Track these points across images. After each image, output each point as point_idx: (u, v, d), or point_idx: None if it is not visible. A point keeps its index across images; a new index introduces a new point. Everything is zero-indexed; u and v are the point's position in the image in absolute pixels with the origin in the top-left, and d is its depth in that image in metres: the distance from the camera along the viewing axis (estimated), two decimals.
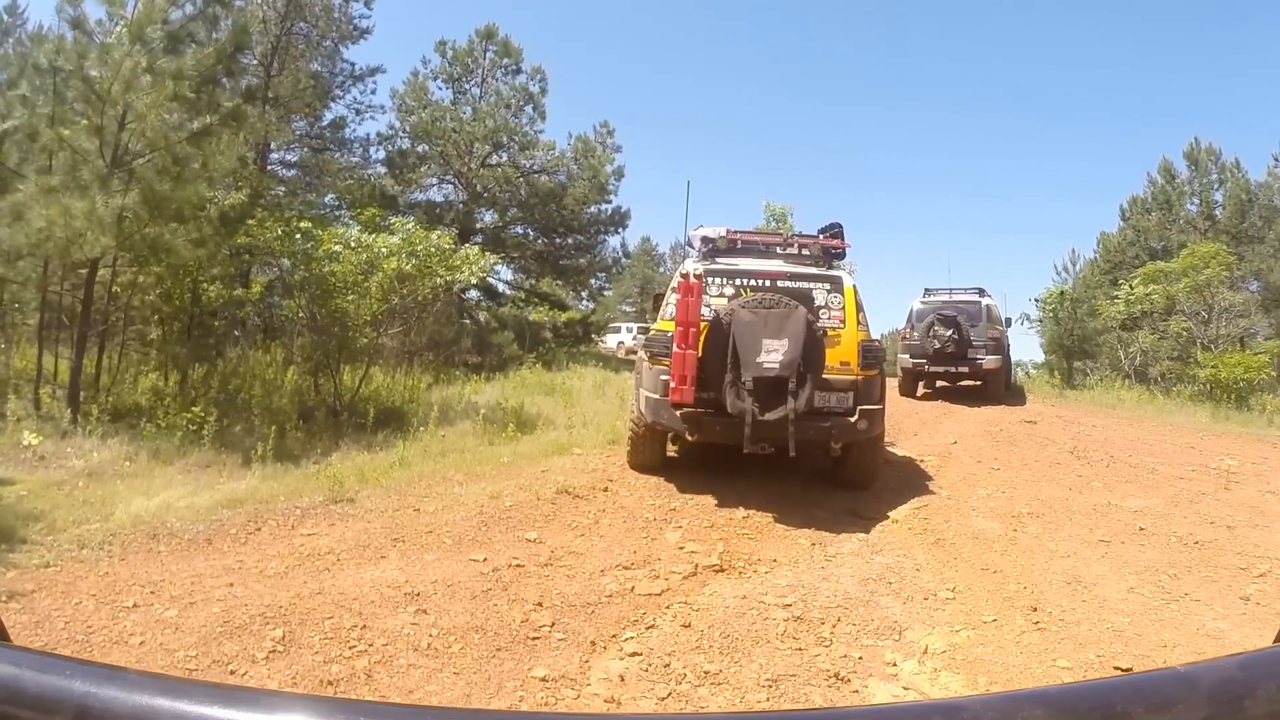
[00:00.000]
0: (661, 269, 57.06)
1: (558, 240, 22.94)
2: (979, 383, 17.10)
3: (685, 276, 7.37)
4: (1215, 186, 30.14)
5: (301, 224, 11.98)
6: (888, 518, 7.03)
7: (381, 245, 10.94)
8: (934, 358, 16.32)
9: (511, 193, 21.98)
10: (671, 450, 8.71)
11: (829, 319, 7.51)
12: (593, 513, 6.49)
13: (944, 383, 18.00)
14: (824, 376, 7.10)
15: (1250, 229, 28.82)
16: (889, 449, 10.14)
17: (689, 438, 7.47)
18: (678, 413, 7.13)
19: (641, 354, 8.33)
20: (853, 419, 7.23)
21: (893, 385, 21.94)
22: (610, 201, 22.78)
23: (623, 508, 6.67)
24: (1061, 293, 19.66)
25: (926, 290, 17.99)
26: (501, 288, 26.32)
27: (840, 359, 7.37)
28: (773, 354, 6.79)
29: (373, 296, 11.75)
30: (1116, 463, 10.05)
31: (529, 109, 21.40)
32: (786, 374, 6.76)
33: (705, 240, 8.51)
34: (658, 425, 7.55)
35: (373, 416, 10.36)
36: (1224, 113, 79.93)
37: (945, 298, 17.26)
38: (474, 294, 27.55)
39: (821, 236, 8.90)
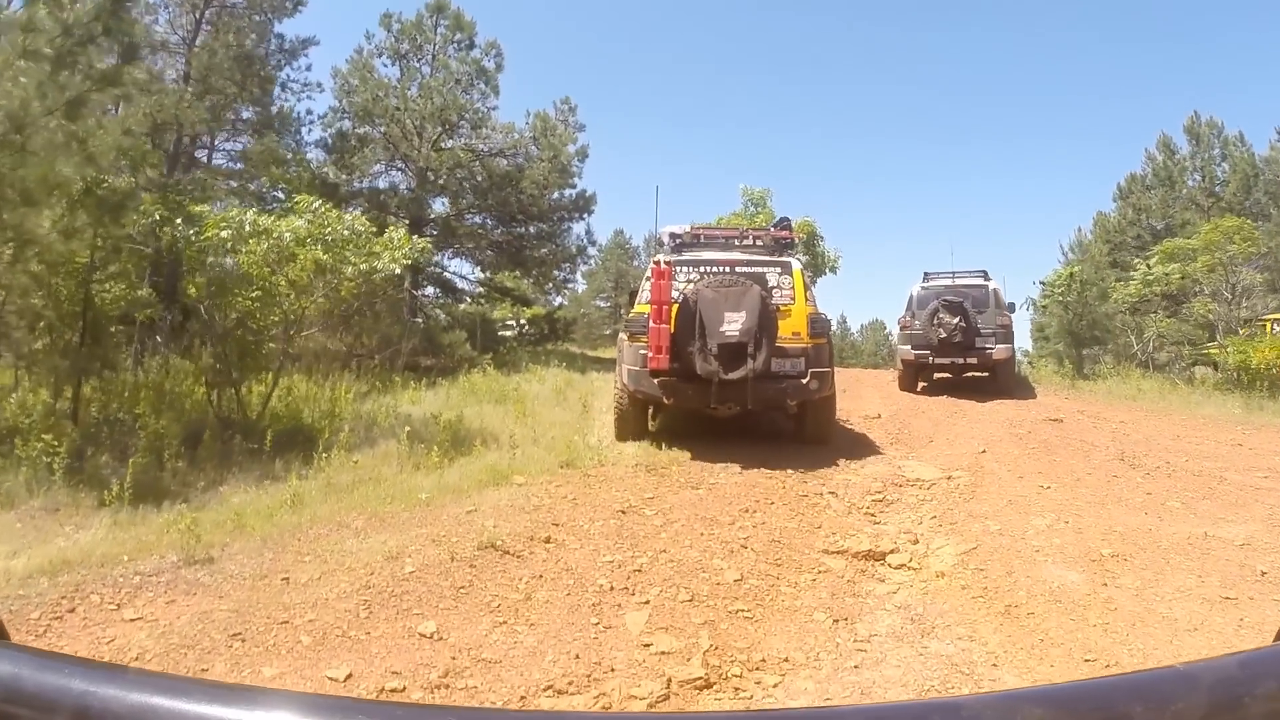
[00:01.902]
0: (635, 262, 55.26)
1: (517, 229, 21.00)
2: (984, 374, 15.71)
3: (658, 264, 8.43)
4: (1218, 162, 28.79)
5: (194, 208, 10.09)
6: (929, 567, 5.27)
7: (284, 230, 9.04)
8: (939, 348, 14.86)
9: (465, 178, 20.01)
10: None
11: (781, 297, 8.68)
12: (525, 580, 4.66)
13: (943, 375, 16.48)
14: (778, 345, 8.22)
15: (1254, 205, 27.47)
16: (907, 462, 8.44)
17: (665, 401, 8.56)
18: (655, 380, 8.28)
19: (623, 334, 9.43)
20: (805, 380, 8.43)
21: (883, 378, 20.50)
22: (574, 186, 20.88)
23: (568, 569, 4.85)
24: (1071, 274, 18.02)
25: (926, 274, 16.47)
26: (460, 283, 24.48)
27: (792, 330, 8.54)
28: (733, 324, 7.94)
29: (281, 293, 9.87)
30: (1177, 471, 8.41)
31: (481, 84, 19.43)
32: (745, 340, 7.92)
33: (673, 236, 9.88)
34: (638, 393, 8.67)
35: (271, 439, 8.48)
36: (1219, 87, 79.09)
37: (948, 282, 15.84)
38: (431, 290, 25.68)
39: (773, 229, 10.58)
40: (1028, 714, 0.56)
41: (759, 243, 10.08)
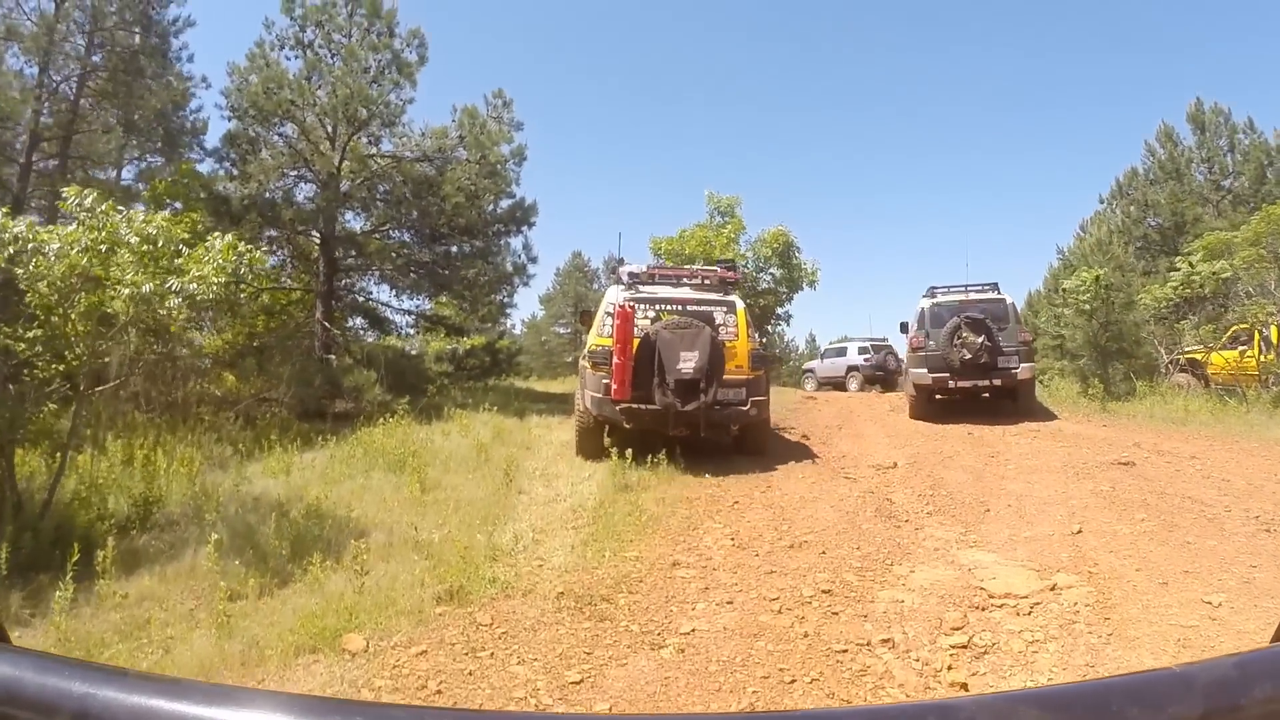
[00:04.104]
0: (595, 285, 52.81)
1: (445, 246, 18.08)
2: (1002, 396, 14.42)
3: (621, 306, 9.69)
4: (1225, 152, 26.79)
5: None
6: None
7: (44, 240, 6.23)
8: (962, 370, 13.61)
9: (384, 187, 17.13)
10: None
11: (726, 333, 10.00)
12: None
13: (945, 397, 14.78)
14: (724, 377, 9.54)
15: (1268, 197, 25.42)
16: (974, 554, 5.81)
17: (625, 426, 9.52)
18: (617, 408, 9.42)
19: (584, 363, 10.45)
20: (746, 407, 9.77)
21: (878, 406, 18.11)
22: (510, 194, 17.98)
23: None
24: (1097, 278, 15.69)
25: (934, 289, 15.29)
26: (391, 313, 21.53)
27: (736, 363, 9.85)
28: (688, 362, 9.26)
29: (72, 329, 7.05)
30: None
31: (394, 72, 16.58)
32: (699, 377, 9.23)
33: (631, 275, 10.71)
34: (600, 418, 9.82)
35: (7, 558, 5.61)
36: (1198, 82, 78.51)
37: (961, 297, 14.75)
38: (359, 321, 22.79)
39: (719, 270, 11.47)
40: (1023, 716, 0.56)
41: (707, 282, 11.13)
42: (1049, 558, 5.58)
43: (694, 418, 9.23)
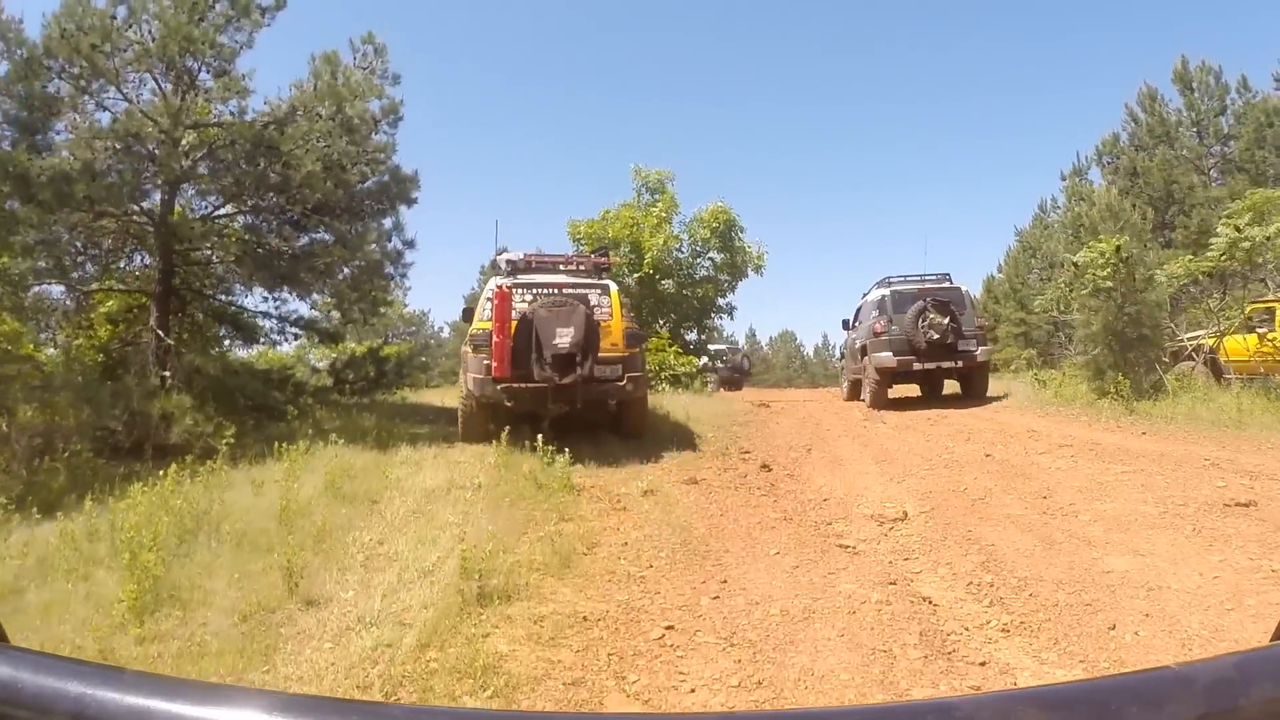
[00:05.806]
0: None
1: (303, 234, 14.61)
2: (952, 378, 16.04)
3: (499, 288, 10.23)
4: (1212, 116, 24.67)
5: None
6: None
7: None
8: (927, 352, 14.69)
9: (220, 154, 13.63)
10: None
11: (601, 314, 10.64)
12: None
13: (904, 385, 16.54)
14: (600, 354, 10.21)
15: (1263, 164, 23.34)
16: None
17: (507, 404, 10.22)
18: (499, 386, 10.00)
19: (465, 348, 11.12)
20: (622, 383, 10.48)
21: (838, 406, 16.15)
22: (380, 160, 14.27)
23: None
24: (1118, 248, 13.10)
25: (888, 280, 16.26)
26: (259, 320, 18.01)
27: (611, 342, 10.57)
28: (564, 338, 9.86)
29: None
30: None
31: (225, 4, 13.06)
32: (575, 351, 9.86)
33: (509, 262, 11.58)
34: (483, 399, 10.41)
35: None
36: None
37: (917, 285, 15.84)
38: (223, 330, 19.22)
39: (593, 257, 12.92)
40: (1022, 715, 0.56)
41: (581, 268, 12.06)
42: None
43: (572, 392, 9.95)
